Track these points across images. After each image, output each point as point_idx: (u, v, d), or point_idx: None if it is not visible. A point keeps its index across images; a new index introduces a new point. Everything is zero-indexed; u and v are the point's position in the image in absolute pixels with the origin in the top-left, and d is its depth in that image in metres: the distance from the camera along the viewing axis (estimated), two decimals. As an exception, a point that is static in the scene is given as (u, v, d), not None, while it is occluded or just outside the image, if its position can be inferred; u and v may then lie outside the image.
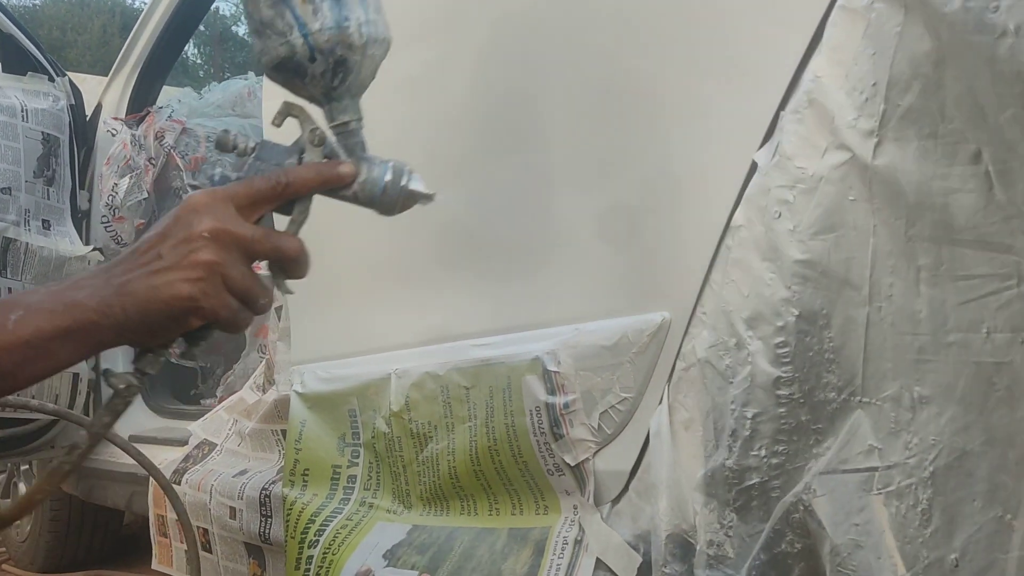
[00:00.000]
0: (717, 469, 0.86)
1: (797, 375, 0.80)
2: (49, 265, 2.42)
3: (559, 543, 1.08)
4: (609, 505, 1.06)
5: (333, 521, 1.34)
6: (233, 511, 1.69)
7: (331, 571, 1.27)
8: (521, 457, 1.12)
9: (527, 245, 1.17)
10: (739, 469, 0.84)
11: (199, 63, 21.46)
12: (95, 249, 2.51)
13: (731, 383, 0.85)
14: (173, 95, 2.96)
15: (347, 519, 1.33)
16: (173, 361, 2.72)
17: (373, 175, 0.86)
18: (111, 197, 2.51)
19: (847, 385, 0.77)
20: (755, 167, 0.86)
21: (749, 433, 0.82)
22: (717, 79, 0.92)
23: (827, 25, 0.78)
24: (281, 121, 0.86)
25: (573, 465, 1.07)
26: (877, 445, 0.74)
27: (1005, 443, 0.65)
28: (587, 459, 1.06)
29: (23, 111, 2.38)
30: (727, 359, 0.86)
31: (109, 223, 2.53)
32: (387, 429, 1.31)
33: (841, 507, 0.76)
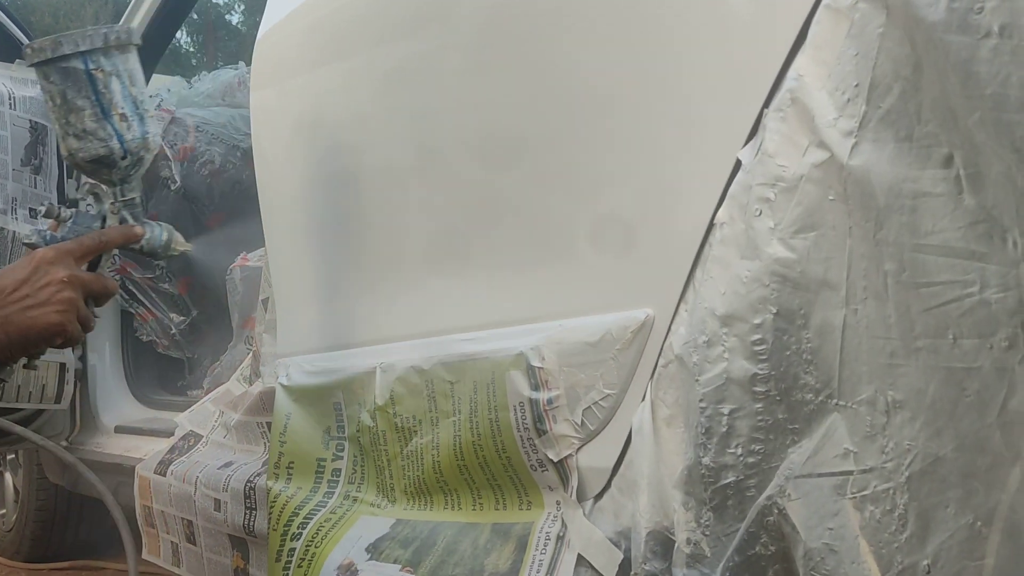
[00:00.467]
0: (693, 467, 0.85)
1: (774, 373, 0.79)
2: (36, 254, 2.40)
3: (542, 539, 1.08)
4: (592, 501, 1.06)
5: (317, 514, 1.34)
6: (218, 503, 1.69)
7: (313, 564, 1.27)
8: (505, 452, 1.12)
9: (514, 241, 1.17)
10: (715, 467, 0.83)
11: (191, 51, 21.34)
12: None
13: (697, 380, 0.85)
14: (163, 83, 2.95)
15: (331, 512, 1.33)
16: (160, 351, 2.73)
17: (154, 234, 1.22)
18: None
19: (824, 387, 0.76)
20: (739, 164, 0.86)
21: (726, 430, 0.82)
22: (703, 76, 0.92)
23: (812, 24, 0.77)
24: (86, 196, 1.23)
25: (556, 461, 1.07)
26: (852, 449, 0.74)
27: (975, 450, 0.65)
28: (570, 455, 1.06)
29: (10, 99, 2.36)
30: (695, 356, 0.85)
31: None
32: (372, 423, 1.31)
33: (815, 511, 0.76)
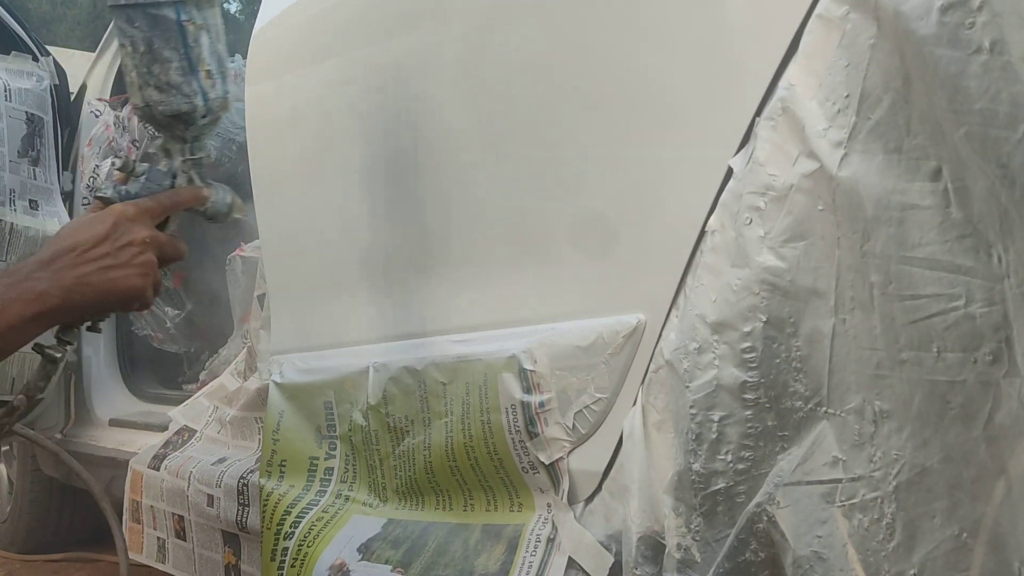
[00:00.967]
0: (683, 472, 0.86)
1: (763, 380, 0.79)
2: (35, 245, 2.39)
3: (532, 541, 1.08)
4: (582, 504, 1.06)
5: (309, 513, 1.34)
6: (211, 499, 1.69)
7: (306, 564, 1.27)
8: (496, 454, 1.12)
9: (508, 243, 1.16)
10: (706, 473, 0.83)
11: (191, 40, 21.21)
12: None
13: (687, 387, 0.85)
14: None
15: (323, 511, 1.33)
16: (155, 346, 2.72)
17: (218, 196, 1.14)
18: (92, 179, 2.49)
19: (813, 395, 0.77)
20: (731, 172, 0.86)
21: (716, 436, 0.82)
22: (697, 83, 0.92)
23: (804, 33, 0.77)
24: (158, 152, 1.13)
25: (547, 464, 1.07)
26: (841, 457, 0.74)
27: (961, 462, 0.65)
28: (561, 458, 1.07)
29: (6, 91, 2.35)
30: (686, 362, 0.86)
31: (91, 204, 2.50)
32: (364, 422, 1.31)
33: (804, 519, 0.76)
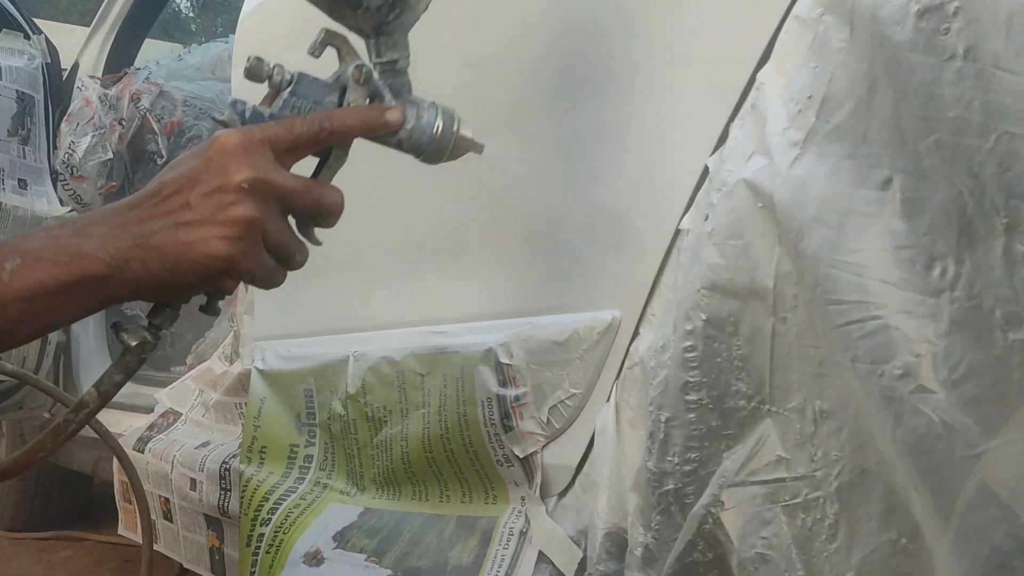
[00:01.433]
0: (641, 471, 0.86)
1: (705, 380, 0.79)
2: (24, 225, 2.38)
3: (505, 533, 1.09)
4: (556, 498, 1.06)
5: (287, 500, 1.34)
6: (194, 482, 1.69)
7: (281, 550, 1.28)
8: (472, 446, 1.12)
9: (489, 235, 1.16)
10: (658, 473, 0.83)
11: (191, 16, 21.15)
12: (72, 211, 2.47)
13: (651, 385, 0.85)
14: (153, 55, 2.92)
15: (300, 499, 1.34)
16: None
17: (422, 122, 0.79)
18: (68, 155, 2.46)
19: (756, 393, 0.76)
20: (707, 171, 0.86)
21: (663, 437, 0.82)
22: (676, 81, 0.91)
23: (780, 33, 0.77)
24: (321, 51, 0.76)
25: (522, 457, 1.08)
26: (785, 455, 0.74)
27: (892, 467, 0.65)
28: (535, 452, 1.07)
29: (-3, 69, 2.35)
30: (652, 360, 0.85)
31: (67, 181, 2.49)
32: (343, 411, 1.31)
33: (749, 520, 0.76)
